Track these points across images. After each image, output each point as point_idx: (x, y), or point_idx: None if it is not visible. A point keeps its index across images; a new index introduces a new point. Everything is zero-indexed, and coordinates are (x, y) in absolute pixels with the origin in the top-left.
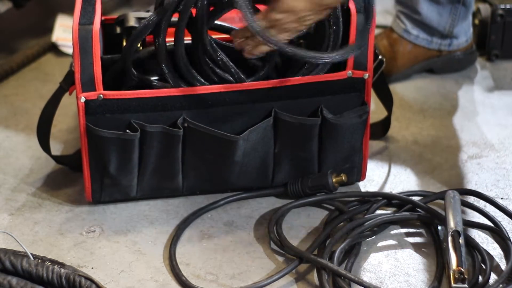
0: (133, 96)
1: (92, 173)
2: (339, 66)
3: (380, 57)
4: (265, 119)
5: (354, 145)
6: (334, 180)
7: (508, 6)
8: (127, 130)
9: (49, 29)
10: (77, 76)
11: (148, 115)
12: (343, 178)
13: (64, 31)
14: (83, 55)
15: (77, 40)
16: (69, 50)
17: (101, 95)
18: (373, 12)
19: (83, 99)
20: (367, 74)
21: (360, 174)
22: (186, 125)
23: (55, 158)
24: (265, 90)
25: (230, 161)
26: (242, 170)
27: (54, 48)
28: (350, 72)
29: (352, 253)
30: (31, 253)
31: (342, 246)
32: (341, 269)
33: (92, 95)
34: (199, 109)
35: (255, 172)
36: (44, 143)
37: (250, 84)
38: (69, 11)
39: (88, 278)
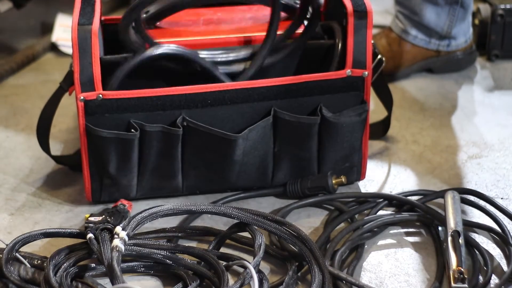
0: (132, 95)
1: (92, 173)
2: (339, 65)
3: (379, 56)
4: (264, 118)
5: (353, 144)
6: (334, 181)
7: (508, 6)
8: (132, 130)
9: (49, 29)
10: (76, 76)
11: (147, 114)
12: (343, 179)
13: (64, 31)
14: (82, 55)
15: (76, 40)
16: (69, 50)
17: (100, 95)
18: None
19: (82, 99)
20: (366, 73)
21: (359, 174)
22: (185, 124)
23: (55, 158)
24: (264, 89)
25: (229, 160)
26: (242, 169)
27: (54, 48)
28: (349, 70)
29: (355, 256)
30: (31, 253)
31: (342, 249)
32: (342, 273)
33: (91, 95)
34: (198, 108)
35: (255, 171)
36: (44, 143)
37: (249, 83)
38: (69, 11)
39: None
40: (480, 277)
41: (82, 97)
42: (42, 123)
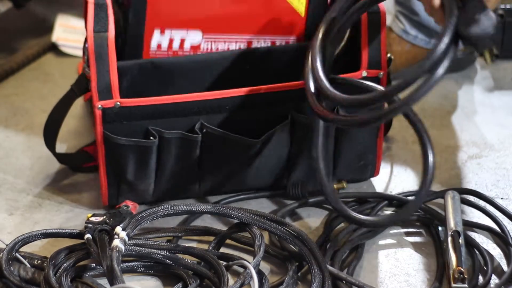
0: (150, 103)
1: (109, 179)
2: (353, 66)
3: (388, 54)
4: (281, 121)
5: (368, 143)
6: (335, 187)
7: (508, 6)
8: (151, 137)
9: (49, 29)
10: (94, 84)
11: (165, 121)
12: (344, 185)
13: (64, 31)
14: (99, 63)
15: (93, 48)
16: (69, 50)
17: (118, 103)
18: None
19: (100, 108)
20: (381, 73)
21: (373, 171)
22: (204, 130)
23: (59, 157)
24: (281, 93)
25: (247, 164)
26: (258, 172)
27: (54, 48)
28: (365, 72)
29: (355, 256)
30: (31, 253)
31: (342, 249)
32: (342, 273)
33: (109, 103)
34: (216, 113)
35: (271, 173)
36: (50, 144)
37: (267, 88)
38: (69, 11)
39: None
40: (480, 277)
41: (100, 106)
42: (51, 124)
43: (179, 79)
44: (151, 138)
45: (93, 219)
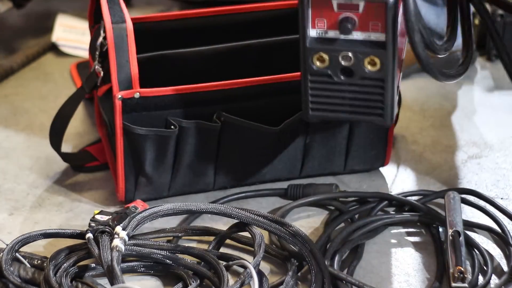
0: (170, 92)
1: (126, 172)
2: None
3: None
4: (297, 109)
5: (381, 131)
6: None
7: None
8: (172, 127)
9: (49, 29)
10: (114, 75)
11: (183, 110)
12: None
13: (64, 31)
14: (118, 54)
15: (112, 40)
16: (69, 50)
17: (138, 93)
18: None
19: (120, 98)
20: None
21: (384, 160)
22: (222, 119)
23: (62, 156)
24: (297, 82)
25: (263, 154)
26: (273, 162)
27: (54, 48)
28: None
29: (355, 256)
30: (31, 253)
31: (342, 249)
32: (342, 273)
33: (129, 93)
34: (235, 102)
35: (285, 163)
36: (57, 143)
37: (285, 76)
38: (69, 11)
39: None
40: (480, 277)
41: (120, 96)
42: (59, 122)
43: (190, 72)
44: (172, 127)
45: (98, 217)
